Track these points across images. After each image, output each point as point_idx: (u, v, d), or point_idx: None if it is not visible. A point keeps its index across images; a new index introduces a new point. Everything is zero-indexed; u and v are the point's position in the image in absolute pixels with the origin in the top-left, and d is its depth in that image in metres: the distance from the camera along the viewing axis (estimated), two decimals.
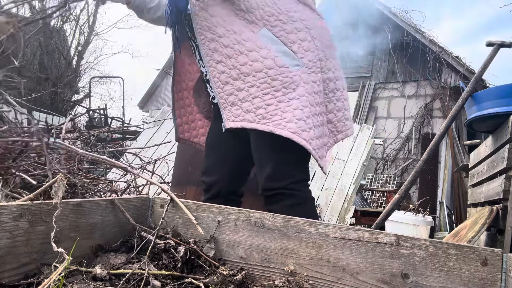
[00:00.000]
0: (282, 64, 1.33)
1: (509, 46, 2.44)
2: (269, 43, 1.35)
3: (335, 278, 0.89)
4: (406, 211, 4.58)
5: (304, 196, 1.39)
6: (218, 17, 1.38)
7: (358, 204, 5.69)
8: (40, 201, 0.87)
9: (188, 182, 2.45)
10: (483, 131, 2.53)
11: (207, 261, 0.99)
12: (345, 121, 1.46)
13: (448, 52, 7.19)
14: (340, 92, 1.45)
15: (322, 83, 1.40)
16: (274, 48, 1.35)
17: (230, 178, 1.56)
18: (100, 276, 0.83)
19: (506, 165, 1.92)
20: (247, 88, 1.35)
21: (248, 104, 1.35)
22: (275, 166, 1.36)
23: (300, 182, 1.38)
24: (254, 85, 1.35)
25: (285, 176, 1.35)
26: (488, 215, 2.00)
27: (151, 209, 1.17)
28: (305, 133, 1.30)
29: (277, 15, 1.36)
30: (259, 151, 1.41)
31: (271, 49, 1.34)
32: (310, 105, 1.33)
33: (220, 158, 1.58)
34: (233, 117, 1.37)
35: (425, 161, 2.53)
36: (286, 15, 1.37)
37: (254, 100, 1.35)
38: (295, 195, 1.36)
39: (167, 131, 5.16)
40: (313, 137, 1.32)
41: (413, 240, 0.84)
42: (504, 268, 0.76)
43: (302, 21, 1.38)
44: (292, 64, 1.34)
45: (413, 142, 7.42)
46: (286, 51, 1.35)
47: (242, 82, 1.36)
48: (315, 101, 1.35)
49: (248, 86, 1.35)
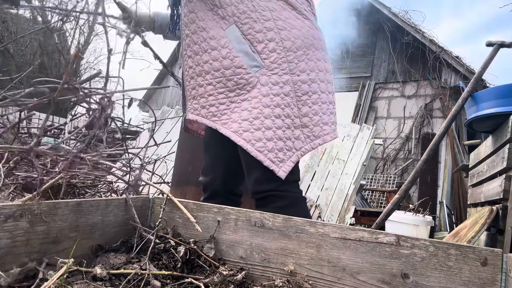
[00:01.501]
0: (240, 65, 1.35)
1: (509, 46, 2.44)
2: (234, 42, 1.36)
3: (335, 278, 0.89)
4: (406, 211, 4.58)
5: (295, 197, 1.38)
6: (193, 13, 1.43)
7: (358, 204, 5.69)
8: (40, 201, 0.87)
9: (188, 182, 2.45)
10: (483, 131, 2.53)
11: (207, 261, 0.99)
12: (322, 125, 1.39)
13: (448, 52, 7.18)
14: (316, 95, 1.39)
15: (292, 85, 1.35)
16: (237, 48, 1.35)
17: (225, 177, 1.56)
18: (100, 276, 0.83)
19: (506, 165, 1.92)
20: (205, 85, 1.42)
21: (204, 101, 1.43)
22: (262, 168, 1.34)
23: (289, 184, 1.37)
24: (210, 83, 1.41)
25: (274, 178, 1.33)
26: (488, 215, 2.00)
27: (151, 209, 1.17)
28: (247, 134, 1.32)
29: (249, 13, 1.35)
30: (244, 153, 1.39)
31: (233, 48, 1.36)
32: (263, 106, 1.32)
33: (215, 157, 1.58)
34: (192, 110, 1.47)
35: (425, 161, 2.53)
36: (259, 13, 1.35)
37: (209, 97, 1.42)
38: (286, 197, 1.35)
39: (167, 131, 5.16)
40: (260, 138, 1.31)
41: (413, 240, 0.84)
42: (504, 268, 0.76)
43: (274, 21, 1.36)
44: (251, 65, 1.35)
45: (413, 142, 7.42)
46: (248, 51, 1.35)
47: (202, 79, 1.43)
48: (273, 103, 1.33)
49: (206, 84, 1.42)
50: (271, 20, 1.36)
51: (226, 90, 1.38)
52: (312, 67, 1.39)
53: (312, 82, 1.39)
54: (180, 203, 1.12)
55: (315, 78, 1.39)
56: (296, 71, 1.36)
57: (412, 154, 7.39)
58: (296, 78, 1.36)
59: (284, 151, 1.33)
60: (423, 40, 7.36)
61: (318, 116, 1.39)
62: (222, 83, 1.38)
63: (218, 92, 1.40)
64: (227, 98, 1.39)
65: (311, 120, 1.38)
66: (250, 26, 1.35)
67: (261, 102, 1.33)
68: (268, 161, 1.31)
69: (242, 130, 1.33)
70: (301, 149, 1.36)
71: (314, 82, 1.39)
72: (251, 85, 1.35)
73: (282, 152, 1.33)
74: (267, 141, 1.32)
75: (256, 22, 1.35)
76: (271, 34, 1.35)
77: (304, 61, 1.38)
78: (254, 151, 1.31)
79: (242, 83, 1.36)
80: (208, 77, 1.41)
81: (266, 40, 1.35)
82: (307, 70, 1.38)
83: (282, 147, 1.33)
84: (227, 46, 1.36)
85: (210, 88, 1.41)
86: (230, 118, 1.37)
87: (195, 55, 1.44)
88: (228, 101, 1.39)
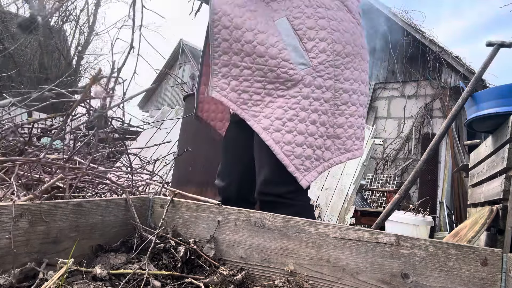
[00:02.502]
0: (286, 58, 1.24)
1: (509, 46, 2.44)
2: (283, 34, 1.25)
3: (335, 278, 0.89)
4: (406, 211, 4.58)
5: (301, 205, 1.32)
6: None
7: (358, 204, 5.69)
8: (40, 201, 0.87)
9: (188, 182, 2.45)
10: (483, 131, 2.53)
11: (207, 261, 0.99)
12: (355, 140, 1.32)
13: (448, 52, 7.19)
14: (355, 107, 1.31)
15: (333, 92, 1.28)
16: (286, 41, 1.25)
17: (240, 183, 1.49)
18: (100, 276, 0.83)
19: (506, 165, 1.92)
20: (243, 67, 1.29)
21: (236, 84, 1.30)
22: (274, 169, 1.28)
23: (298, 191, 1.29)
24: (249, 68, 1.28)
25: (283, 182, 1.27)
26: (488, 215, 2.00)
27: (151, 209, 1.17)
28: (277, 134, 1.23)
29: (303, 7, 1.26)
30: (260, 150, 1.33)
31: (281, 40, 1.25)
32: (300, 109, 1.24)
33: (233, 160, 1.52)
34: (219, 89, 1.32)
35: (425, 161, 2.53)
36: (314, 9, 1.26)
37: (243, 82, 1.29)
38: (292, 205, 1.28)
39: (167, 131, 5.16)
40: (290, 141, 1.23)
41: (413, 240, 0.84)
42: (504, 268, 0.76)
43: (329, 20, 1.27)
44: (298, 62, 1.25)
45: (413, 142, 7.42)
46: (297, 46, 1.25)
47: (239, 60, 1.29)
48: (311, 107, 1.25)
49: (244, 67, 1.29)
50: (325, 19, 1.26)
51: (265, 80, 1.27)
52: (356, 77, 1.32)
53: (353, 93, 1.31)
54: (180, 203, 1.12)
55: (357, 90, 1.32)
56: (340, 78, 1.28)
57: (412, 154, 7.39)
58: (338, 85, 1.28)
59: (312, 160, 1.25)
60: (423, 40, 7.37)
61: (353, 129, 1.31)
62: (262, 71, 1.26)
63: (256, 80, 1.27)
64: (264, 89, 1.27)
65: (345, 132, 1.30)
66: (302, 22, 1.26)
67: (299, 104, 1.24)
68: (293, 167, 1.23)
69: (273, 129, 1.24)
70: (329, 161, 1.28)
71: (355, 93, 1.32)
72: (293, 83, 1.25)
73: (309, 161, 1.25)
74: (296, 146, 1.23)
75: (310, 18, 1.25)
76: (324, 34, 1.25)
77: (350, 69, 1.30)
78: (280, 154, 1.23)
79: (284, 78, 1.25)
80: (248, 60, 1.27)
81: (317, 38, 1.25)
82: (351, 80, 1.30)
83: (310, 155, 1.25)
84: (277, 35, 1.25)
85: (247, 73, 1.28)
86: (262, 112, 1.26)
87: (236, 28, 1.27)
88: (264, 93, 1.27)
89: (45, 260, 0.83)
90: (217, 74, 1.32)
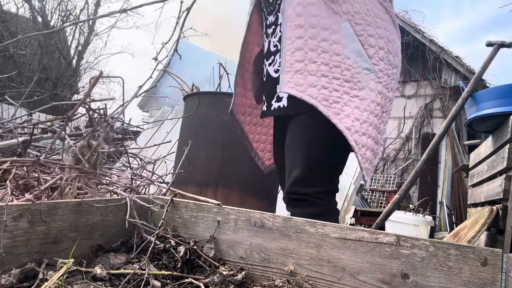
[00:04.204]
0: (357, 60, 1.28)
1: (509, 46, 2.44)
2: (348, 38, 1.27)
3: (335, 278, 0.89)
4: (406, 211, 4.58)
5: (327, 206, 1.33)
6: None
7: (358, 204, 5.69)
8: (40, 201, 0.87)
9: (188, 182, 2.45)
10: (483, 131, 2.53)
11: (207, 261, 0.99)
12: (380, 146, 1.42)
13: (448, 52, 7.19)
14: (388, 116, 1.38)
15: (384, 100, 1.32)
16: (351, 46, 1.27)
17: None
18: (100, 276, 0.83)
19: (506, 165, 1.92)
20: (320, 63, 1.26)
21: (314, 79, 1.25)
22: (304, 170, 1.29)
23: (325, 193, 1.33)
24: (327, 64, 1.26)
25: (313, 183, 1.29)
26: (488, 215, 2.00)
27: (151, 209, 1.16)
28: (357, 136, 1.23)
29: (363, 15, 1.29)
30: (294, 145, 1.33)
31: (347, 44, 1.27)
32: (370, 112, 1.26)
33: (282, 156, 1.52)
34: (294, 84, 1.26)
35: (425, 161, 2.53)
36: (372, 18, 1.30)
37: (322, 78, 1.25)
38: (318, 204, 1.30)
39: (167, 131, 5.16)
40: (364, 145, 1.24)
41: (413, 240, 0.84)
42: (504, 268, 0.76)
43: (385, 30, 1.32)
44: (363, 66, 1.27)
45: (413, 142, 7.42)
46: (361, 51, 1.27)
47: (316, 56, 1.26)
48: (376, 111, 1.28)
49: (321, 62, 1.26)
50: (382, 29, 1.31)
51: (342, 78, 1.26)
52: (395, 88, 1.37)
53: (391, 102, 1.36)
54: (180, 203, 1.12)
55: (393, 100, 1.38)
56: (389, 87, 1.33)
57: (412, 154, 7.39)
58: (387, 94, 1.32)
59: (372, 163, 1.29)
60: (423, 40, 7.36)
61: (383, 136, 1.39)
62: (340, 68, 1.26)
63: (334, 77, 1.26)
64: (342, 87, 1.26)
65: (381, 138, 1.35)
66: (363, 28, 1.28)
67: (370, 107, 1.26)
68: (365, 171, 1.25)
69: (354, 130, 1.24)
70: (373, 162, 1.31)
71: (391, 103, 1.37)
72: (362, 85, 1.27)
73: (372, 164, 1.28)
74: (367, 149, 1.25)
75: (370, 25, 1.29)
76: (382, 43, 1.30)
77: (395, 80, 1.35)
78: (359, 156, 1.23)
79: (357, 78, 1.27)
80: (325, 56, 1.26)
81: (377, 46, 1.29)
82: (394, 90, 1.36)
83: (372, 160, 1.28)
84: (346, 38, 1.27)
85: (325, 69, 1.25)
86: (343, 110, 1.25)
87: (309, 27, 1.27)
88: (342, 91, 1.26)
89: (45, 260, 0.83)
90: (290, 71, 1.28)
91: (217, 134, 2.43)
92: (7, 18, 11.53)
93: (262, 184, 2.50)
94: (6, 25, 11.25)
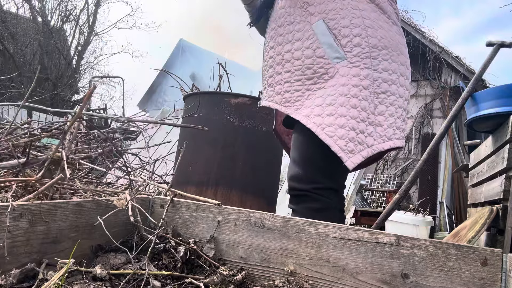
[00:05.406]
0: (321, 55, 1.35)
1: (509, 46, 2.44)
2: (319, 34, 1.36)
3: (335, 278, 0.89)
4: (406, 211, 4.58)
5: (328, 202, 1.35)
6: (283, 9, 1.46)
7: (358, 204, 5.69)
8: (40, 201, 0.87)
9: (188, 182, 2.45)
10: (483, 131, 2.53)
11: (207, 261, 0.99)
12: (395, 129, 1.35)
13: (448, 52, 7.19)
14: (395, 96, 1.36)
15: (372, 81, 1.32)
16: (321, 40, 1.36)
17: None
18: (100, 276, 0.83)
19: (506, 165, 1.92)
20: (283, 72, 1.43)
21: (279, 87, 1.43)
22: (303, 167, 1.35)
23: (325, 190, 1.35)
24: (289, 71, 1.41)
25: (310, 180, 1.33)
26: (488, 215, 2.00)
27: (151, 209, 1.16)
28: (318, 118, 1.29)
29: (338, 10, 1.36)
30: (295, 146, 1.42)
31: (317, 40, 1.36)
32: (339, 94, 1.29)
33: None
34: (267, 97, 1.48)
35: (425, 161, 2.53)
36: (348, 11, 1.35)
37: (285, 84, 1.42)
38: (319, 200, 1.33)
39: (167, 131, 5.15)
40: (332, 123, 1.27)
41: (413, 240, 0.84)
42: (504, 268, 0.76)
43: (363, 19, 1.35)
44: (333, 56, 1.34)
45: (413, 142, 7.42)
46: (332, 43, 1.34)
47: (281, 67, 1.44)
48: (350, 92, 1.30)
49: (284, 71, 1.42)
50: (359, 18, 1.35)
51: (303, 78, 1.37)
52: (395, 69, 1.37)
53: (392, 83, 1.35)
54: (180, 203, 1.12)
55: (396, 80, 1.37)
56: (378, 68, 1.34)
57: (412, 154, 7.39)
58: (377, 74, 1.33)
59: (356, 143, 1.27)
60: (423, 40, 7.36)
61: (393, 118, 1.34)
62: (300, 70, 1.38)
63: (295, 80, 1.39)
64: (303, 85, 1.37)
65: (386, 120, 1.33)
66: (337, 22, 1.35)
67: (338, 90, 1.30)
68: (337, 147, 1.25)
69: (314, 114, 1.30)
70: (372, 147, 1.30)
71: (394, 83, 1.36)
72: (330, 75, 1.33)
73: (353, 143, 1.27)
74: (338, 127, 1.27)
75: (344, 18, 1.35)
76: (358, 30, 1.33)
77: (387, 61, 1.36)
78: (323, 135, 1.26)
79: (321, 72, 1.34)
80: (288, 65, 1.41)
81: (351, 35, 1.34)
82: (390, 70, 1.35)
83: (354, 137, 1.27)
84: (312, 37, 1.37)
85: (287, 75, 1.41)
86: (303, 104, 1.36)
87: (277, 45, 1.46)
88: (304, 89, 1.37)
89: (45, 260, 0.83)
90: (266, 87, 1.51)
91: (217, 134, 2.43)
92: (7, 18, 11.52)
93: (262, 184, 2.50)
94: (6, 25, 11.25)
